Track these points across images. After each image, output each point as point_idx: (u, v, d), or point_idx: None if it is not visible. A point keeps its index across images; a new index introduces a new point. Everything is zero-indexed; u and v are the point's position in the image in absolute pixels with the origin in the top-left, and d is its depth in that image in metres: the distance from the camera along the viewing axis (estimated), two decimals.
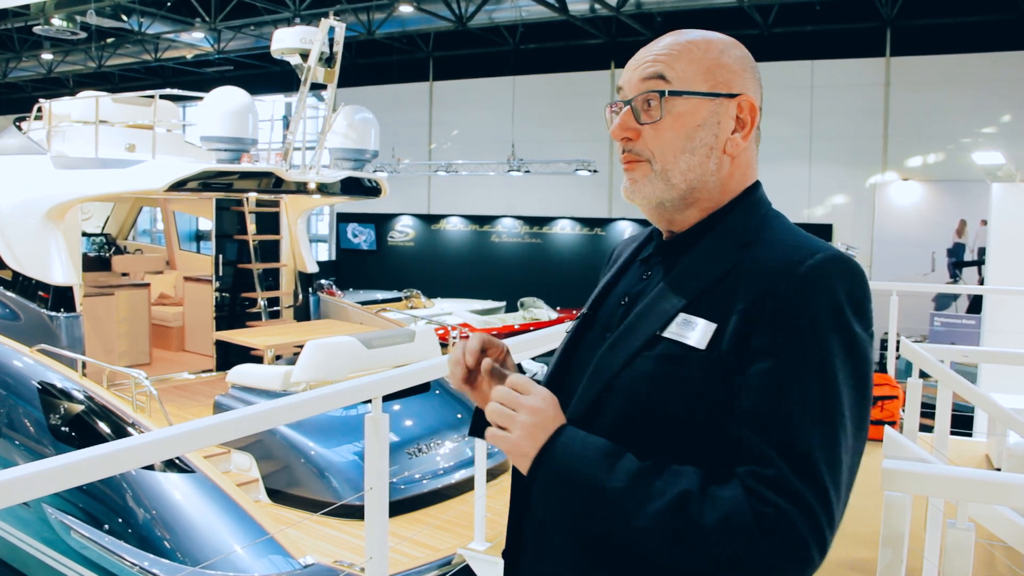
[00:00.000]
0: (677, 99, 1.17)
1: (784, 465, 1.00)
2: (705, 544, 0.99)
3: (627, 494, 1.03)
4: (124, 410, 4.87)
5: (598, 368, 1.17)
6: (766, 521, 0.98)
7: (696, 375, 1.08)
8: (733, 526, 0.98)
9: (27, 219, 6.33)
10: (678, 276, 1.18)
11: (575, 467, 1.06)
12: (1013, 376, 5.94)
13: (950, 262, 14.89)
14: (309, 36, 6.37)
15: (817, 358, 1.04)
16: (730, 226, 1.19)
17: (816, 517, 0.99)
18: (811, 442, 1.01)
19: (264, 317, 7.85)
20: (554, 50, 18.55)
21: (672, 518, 1.00)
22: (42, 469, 1.73)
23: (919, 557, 2.62)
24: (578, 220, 19.43)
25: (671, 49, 1.20)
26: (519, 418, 1.10)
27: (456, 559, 4.01)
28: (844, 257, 1.10)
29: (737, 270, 1.12)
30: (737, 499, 1.00)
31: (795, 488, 0.99)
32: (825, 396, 1.03)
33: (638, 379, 1.12)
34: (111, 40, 19.72)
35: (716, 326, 1.09)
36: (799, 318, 1.05)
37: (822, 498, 1.00)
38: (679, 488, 1.01)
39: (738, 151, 1.20)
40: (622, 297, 1.25)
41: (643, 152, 1.20)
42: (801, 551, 0.99)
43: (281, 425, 4.92)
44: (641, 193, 1.21)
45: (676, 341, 1.11)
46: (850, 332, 1.06)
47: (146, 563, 4.10)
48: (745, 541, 0.98)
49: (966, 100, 14.73)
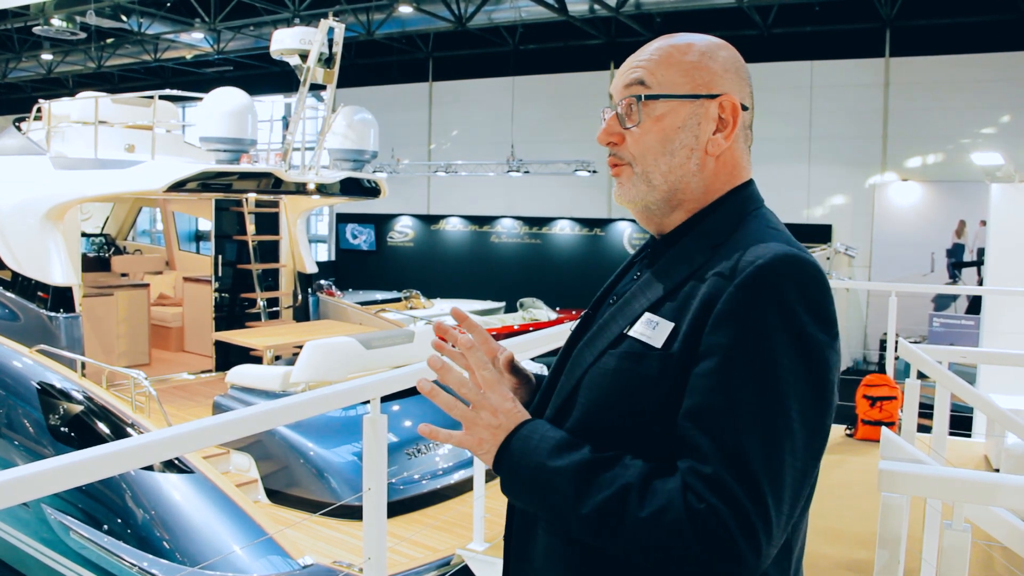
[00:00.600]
0: (655, 102, 1.21)
1: (720, 465, 1.01)
2: (639, 535, 1.02)
3: (572, 484, 1.07)
4: (123, 411, 4.87)
5: (572, 365, 1.22)
6: (697, 518, 0.99)
7: (652, 373, 1.11)
8: (666, 520, 1.01)
9: (26, 219, 6.33)
10: (652, 277, 1.21)
11: (528, 459, 1.11)
12: (1012, 377, 5.95)
13: (949, 263, 14.90)
14: (308, 37, 6.37)
15: (760, 359, 1.04)
16: (708, 227, 1.20)
17: (748, 518, 0.99)
18: (748, 444, 1.01)
19: (263, 317, 7.85)
20: (553, 51, 18.56)
21: (611, 509, 1.04)
22: (42, 470, 1.74)
23: (918, 558, 2.63)
24: (577, 221, 19.43)
25: (652, 54, 1.23)
26: (482, 418, 1.16)
27: (455, 559, 4.02)
28: (797, 257, 1.09)
29: (702, 271, 1.14)
30: (673, 493, 1.01)
31: (729, 488, 1.00)
32: (768, 398, 1.03)
33: (601, 375, 1.16)
34: (111, 40, 19.72)
35: (673, 325, 1.11)
36: (743, 318, 1.05)
37: (756, 501, 0.99)
38: (623, 480, 1.05)
39: (720, 151, 1.21)
40: (612, 297, 1.29)
41: (625, 155, 1.23)
42: (731, 550, 0.99)
43: (280, 426, 4.92)
44: (627, 196, 1.24)
45: (638, 340, 1.14)
46: (802, 333, 1.05)
47: (145, 563, 4.11)
48: (675, 534, 1.00)
49: (965, 101, 14.74)
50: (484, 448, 1.15)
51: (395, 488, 4.87)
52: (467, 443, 1.16)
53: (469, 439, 1.16)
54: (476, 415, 1.16)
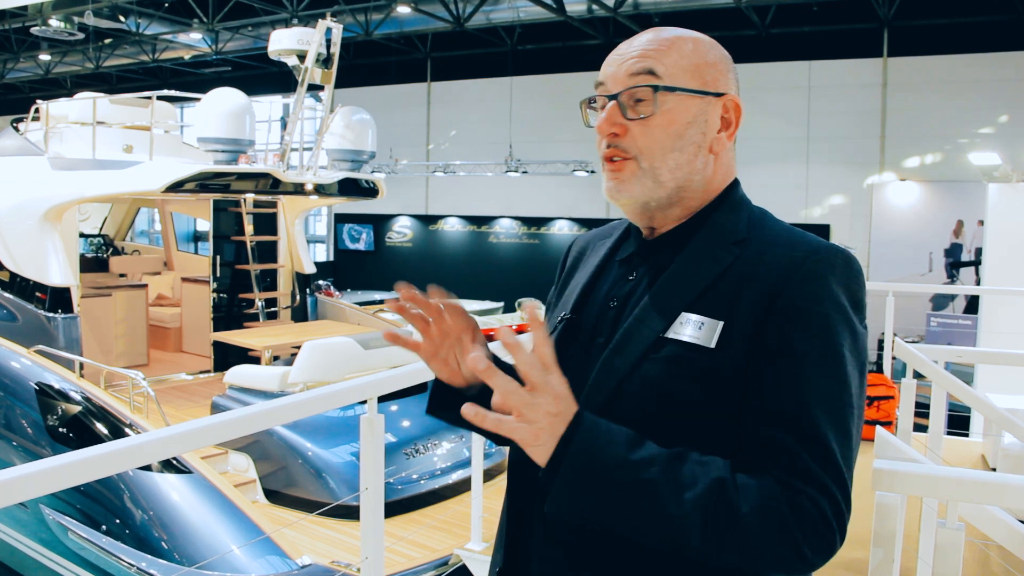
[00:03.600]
0: (669, 95, 1.16)
1: (807, 456, 1.02)
2: (742, 532, 0.98)
3: (660, 482, 0.98)
4: (122, 411, 4.87)
5: (603, 374, 1.14)
6: (800, 510, 0.99)
7: (707, 374, 1.08)
8: (771, 514, 0.98)
9: (24, 220, 6.33)
10: (674, 276, 1.16)
11: (601, 457, 0.99)
12: (1009, 376, 5.96)
13: (947, 262, 14.91)
14: (307, 37, 6.38)
15: (829, 351, 1.06)
16: (719, 224, 1.18)
17: (839, 504, 1.02)
18: (829, 433, 1.03)
19: (262, 318, 7.85)
20: (552, 51, 18.55)
21: (709, 506, 0.98)
22: (40, 469, 1.73)
23: (913, 557, 2.64)
24: (576, 221, 19.43)
25: (659, 45, 1.18)
26: (542, 405, 0.98)
27: (453, 559, 4.03)
28: (845, 251, 1.12)
29: (735, 267, 1.12)
30: (768, 488, 1.00)
31: (818, 476, 1.01)
32: (839, 388, 1.05)
33: (648, 383, 1.10)
34: (109, 41, 19.69)
35: (723, 324, 1.09)
36: (808, 313, 1.06)
37: (841, 485, 1.02)
38: (712, 476, 0.99)
39: (723, 150, 1.21)
40: (609, 300, 1.22)
41: (630, 149, 1.17)
42: (830, 537, 1.01)
43: (278, 426, 4.92)
44: (628, 192, 1.18)
45: (682, 342, 1.10)
46: (855, 327, 1.08)
47: (143, 564, 4.11)
48: (781, 529, 0.99)
49: (963, 101, 14.75)
50: (540, 440, 0.99)
51: (393, 488, 4.88)
52: (520, 433, 0.99)
53: (525, 430, 0.98)
54: (534, 400, 0.98)
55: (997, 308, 8.42)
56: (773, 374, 1.06)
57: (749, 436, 1.06)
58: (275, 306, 8.03)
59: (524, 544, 1.21)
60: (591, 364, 1.17)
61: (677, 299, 1.13)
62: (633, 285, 1.20)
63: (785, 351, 1.06)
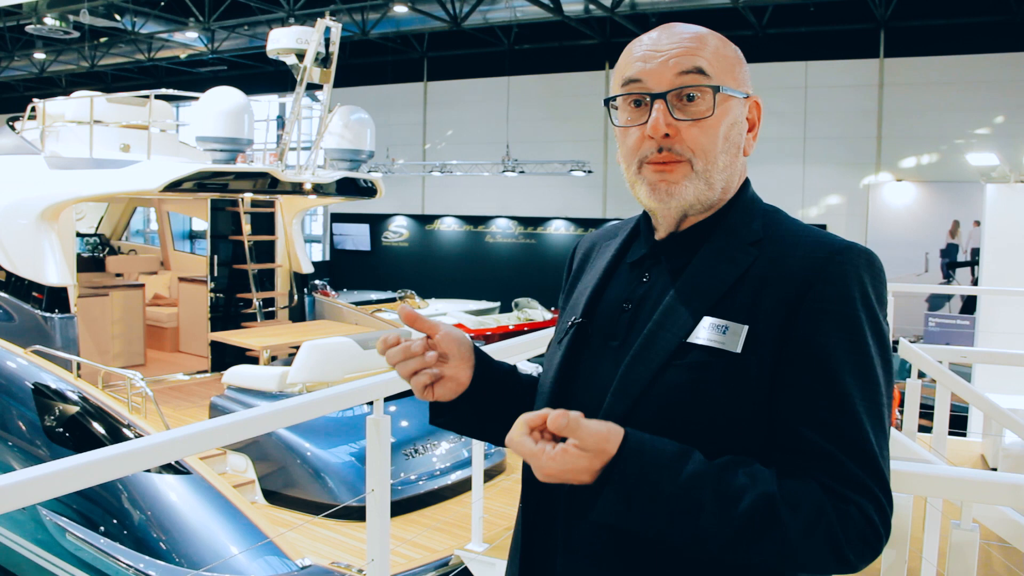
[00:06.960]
0: (719, 96, 1.12)
1: (849, 460, 1.01)
2: (793, 543, 0.98)
3: (709, 500, 0.97)
4: (119, 411, 4.84)
5: (625, 382, 1.10)
6: (848, 519, 0.99)
7: (734, 379, 1.06)
8: (819, 527, 0.99)
9: (21, 220, 6.30)
10: (692, 279, 1.13)
11: (651, 476, 0.97)
12: (1007, 376, 5.98)
13: (943, 263, 14.96)
14: (305, 36, 6.35)
15: (861, 352, 1.05)
16: (734, 224, 1.15)
17: (883, 506, 1.02)
18: (868, 434, 1.03)
19: (259, 318, 7.82)
20: (548, 50, 18.56)
21: (757, 521, 0.97)
22: (41, 474, 1.71)
23: (918, 557, 2.63)
24: (572, 220, 19.43)
25: (699, 43, 1.14)
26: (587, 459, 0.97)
27: (454, 560, 4.01)
28: (866, 250, 1.11)
29: (755, 270, 1.10)
30: (815, 497, 1.00)
31: (863, 481, 1.01)
32: (872, 387, 1.05)
33: (674, 390, 1.07)
34: (104, 40, 19.64)
35: (748, 327, 1.06)
36: (837, 315, 1.06)
37: (883, 486, 1.03)
38: (760, 490, 0.99)
39: (750, 151, 1.19)
40: (622, 303, 1.19)
41: (684, 152, 1.12)
42: (875, 543, 1.01)
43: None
44: (680, 195, 1.13)
45: (707, 347, 1.07)
46: (880, 326, 1.08)
47: (141, 565, 4.08)
48: (829, 540, 0.99)
49: (960, 101, 14.80)
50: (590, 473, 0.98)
51: (393, 489, 4.84)
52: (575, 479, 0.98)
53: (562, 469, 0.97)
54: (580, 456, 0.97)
55: (994, 308, 8.44)
56: (807, 378, 1.05)
57: (788, 440, 1.04)
58: (273, 306, 8.00)
59: (542, 552, 1.19)
60: (605, 368, 1.14)
61: (698, 303, 1.10)
62: (648, 287, 1.17)
63: (818, 354, 1.05)
